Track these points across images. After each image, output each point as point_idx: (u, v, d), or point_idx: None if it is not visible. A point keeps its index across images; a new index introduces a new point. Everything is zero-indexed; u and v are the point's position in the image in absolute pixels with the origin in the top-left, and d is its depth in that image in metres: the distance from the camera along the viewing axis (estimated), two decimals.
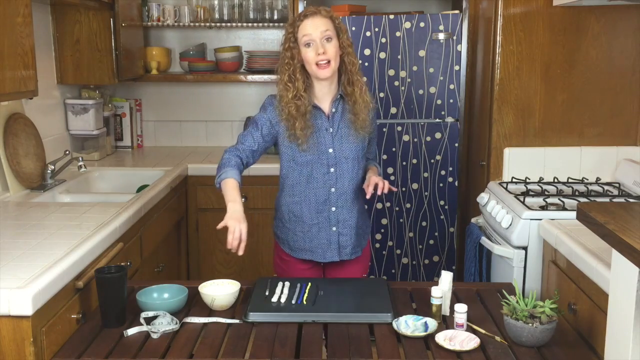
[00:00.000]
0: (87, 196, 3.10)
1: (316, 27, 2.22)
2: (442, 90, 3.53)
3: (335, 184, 2.34)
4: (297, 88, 2.25)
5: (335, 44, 2.23)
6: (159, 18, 3.97)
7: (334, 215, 2.36)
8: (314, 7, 2.27)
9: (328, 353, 1.83)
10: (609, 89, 3.09)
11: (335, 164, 2.32)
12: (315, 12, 2.24)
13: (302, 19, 2.24)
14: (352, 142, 2.32)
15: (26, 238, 2.20)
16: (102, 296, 1.96)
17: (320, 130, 2.31)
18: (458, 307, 1.94)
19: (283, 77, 2.28)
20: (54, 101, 3.52)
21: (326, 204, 2.35)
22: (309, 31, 2.21)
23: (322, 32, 2.21)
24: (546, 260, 2.52)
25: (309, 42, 2.22)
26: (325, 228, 2.37)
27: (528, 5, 3.03)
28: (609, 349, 1.74)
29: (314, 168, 2.32)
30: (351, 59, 2.28)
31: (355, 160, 2.35)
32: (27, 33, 2.49)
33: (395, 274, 3.70)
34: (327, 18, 2.24)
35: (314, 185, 2.34)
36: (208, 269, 3.69)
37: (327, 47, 2.21)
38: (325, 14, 2.25)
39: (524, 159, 3.15)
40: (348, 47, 2.27)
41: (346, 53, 2.27)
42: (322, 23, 2.23)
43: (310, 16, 2.23)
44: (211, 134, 4.25)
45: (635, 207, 1.88)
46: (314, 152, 2.30)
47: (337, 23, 2.27)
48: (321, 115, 2.32)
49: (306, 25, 2.23)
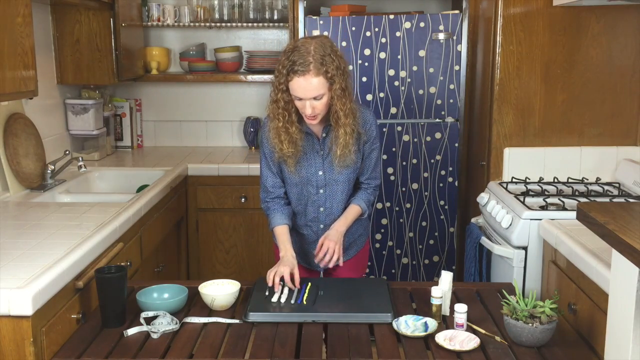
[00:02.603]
0: (87, 196, 3.11)
1: (306, 91, 2.12)
2: (442, 90, 3.53)
3: (324, 203, 2.37)
4: (291, 133, 2.23)
5: (325, 99, 2.16)
6: (159, 18, 3.97)
7: (322, 231, 2.40)
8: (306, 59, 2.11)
9: (328, 353, 1.83)
10: (609, 89, 3.09)
11: (324, 185, 2.35)
12: (305, 71, 2.10)
13: (293, 76, 2.12)
14: (343, 168, 2.32)
15: (26, 238, 2.20)
16: (102, 296, 1.96)
17: (310, 152, 2.32)
18: (458, 307, 1.94)
19: (277, 123, 2.23)
20: (54, 101, 3.51)
21: (315, 221, 2.40)
22: (300, 94, 2.14)
23: (312, 97, 2.14)
24: (546, 260, 2.52)
25: (299, 99, 2.16)
26: (314, 241, 2.42)
27: (528, 5, 3.03)
28: (609, 349, 1.74)
29: (304, 188, 2.36)
30: (339, 105, 2.18)
31: (346, 183, 2.36)
32: (27, 33, 2.49)
33: (395, 274, 3.70)
34: (319, 76, 2.11)
35: (304, 203, 2.38)
36: (208, 269, 3.69)
37: (315, 105, 2.15)
38: (317, 69, 2.10)
39: (524, 159, 3.15)
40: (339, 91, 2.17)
41: (337, 99, 2.17)
42: (312, 87, 2.11)
43: (301, 75, 2.10)
44: (211, 134, 4.25)
45: (635, 207, 1.88)
46: (304, 174, 2.33)
47: (329, 76, 2.13)
48: (312, 138, 2.32)
49: (297, 85, 2.12)
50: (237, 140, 4.25)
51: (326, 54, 2.13)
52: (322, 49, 2.13)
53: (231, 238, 3.69)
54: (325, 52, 2.13)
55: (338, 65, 2.15)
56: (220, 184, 3.63)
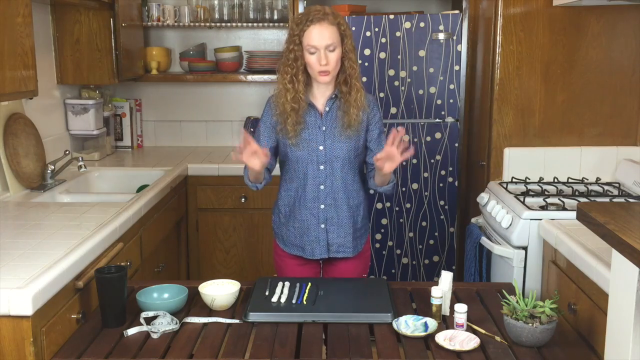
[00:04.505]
0: (87, 196, 3.10)
1: (322, 38, 2.20)
2: (442, 90, 3.53)
3: (324, 181, 2.36)
4: (297, 90, 2.27)
5: (338, 52, 2.23)
6: (159, 18, 3.97)
7: (323, 212, 2.38)
8: (322, 10, 2.24)
9: (328, 353, 1.83)
10: (609, 89, 3.09)
11: (325, 161, 2.34)
12: (322, 19, 2.21)
13: (309, 24, 2.21)
14: (344, 142, 2.33)
15: (26, 238, 2.20)
16: (102, 296, 1.96)
17: (312, 127, 2.33)
18: (458, 307, 1.94)
19: (285, 77, 2.28)
20: (54, 101, 3.51)
21: (315, 200, 2.38)
22: (315, 42, 2.20)
23: (327, 44, 2.21)
24: (546, 260, 2.53)
25: (313, 50, 2.22)
26: (314, 225, 2.40)
27: (528, 5, 3.03)
28: (609, 349, 1.75)
29: (305, 165, 2.35)
30: (351, 63, 2.28)
31: (346, 160, 2.35)
32: (27, 33, 2.49)
33: (395, 274, 3.70)
34: (333, 25, 2.22)
35: (304, 182, 2.37)
36: (208, 269, 3.69)
37: (329, 57, 2.22)
38: (332, 20, 2.22)
39: (524, 159, 3.15)
40: (350, 53, 2.27)
41: (347, 58, 2.27)
42: (328, 34, 2.21)
43: (317, 22, 2.21)
44: (211, 134, 4.25)
45: (635, 207, 1.88)
46: (305, 149, 2.33)
47: (342, 29, 2.25)
48: (315, 112, 2.33)
49: (312, 33, 2.21)
50: (237, 140, 4.18)
51: (337, 14, 2.26)
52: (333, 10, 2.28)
53: (231, 238, 3.69)
54: (336, 13, 2.26)
55: (348, 26, 2.29)
56: (220, 184, 3.63)
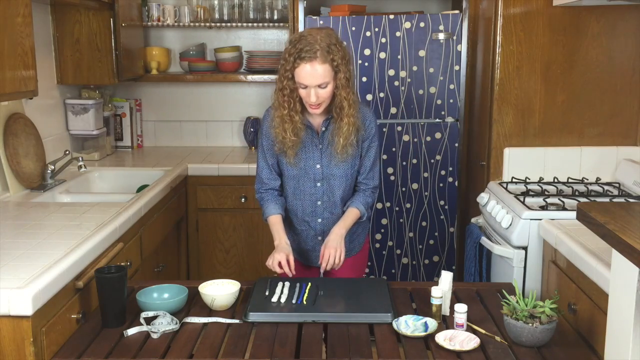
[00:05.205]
0: (87, 196, 3.10)
1: (313, 78, 2.15)
2: (442, 90, 3.53)
3: (321, 197, 2.38)
4: (295, 121, 2.25)
5: (330, 88, 2.19)
6: (159, 18, 3.97)
7: (320, 225, 2.41)
8: (313, 46, 2.14)
9: (328, 353, 1.83)
10: (609, 89, 3.09)
11: (322, 179, 2.35)
12: (312, 58, 2.13)
13: (299, 62, 2.14)
14: (341, 161, 2.33)
15: (26, 238, 2.20)
16: (102, 296, 1.96)
17: (309, 145, 2.33)
18: (458, 307, 1.94)
19: (282, 111, 2.24)
20: (54, 101, 3.51)
21: (312, 215, 2.40)
22: (306, 81, 2.16)
23: (318, 84, 2.16)
24: (546, 260, 2.52)
25: (304, 87, 2.18)
26: (312, 236, 2.43)
27: (528, 5, 3.03)
28: (609, 349, 1.74)
29: (301, 182, 2.36)
30: (344, 95, 2.21)
31: (343, 178, 2.35)
32: (27, 33, 2.49)
33: (395, 274, 3.70)
34: (326, 63, 2.14)
35: (301, 197, 2.39)
36: (208, 269, 3.69)
37: (320, 94, 2.18)
38: (324, 57, 2.14)
39: (524, 159, 3.15)
40: (343, 86, 2.20)
41: (341, 90, 2.20)
42: (319, 73, 2.14)
43: (308, 61, 2.13)
44: (211, 134, 4.25)
45: (635, 207, 1.87)
46: (302, 167, 2.34)
47: (335, 64, 2.17)
48: (312, 132, 2.33)
49: (302, 72, 2.15)
50: (237, 140, 4.25)
51: (332, 43, 2.18)
52: (328, 38, 2.18)
53: (231, 238, 3.69)
54: (331, 42, 2.18)
55: (343, 55, 2.20)
56: (220, 184, 3.63)
